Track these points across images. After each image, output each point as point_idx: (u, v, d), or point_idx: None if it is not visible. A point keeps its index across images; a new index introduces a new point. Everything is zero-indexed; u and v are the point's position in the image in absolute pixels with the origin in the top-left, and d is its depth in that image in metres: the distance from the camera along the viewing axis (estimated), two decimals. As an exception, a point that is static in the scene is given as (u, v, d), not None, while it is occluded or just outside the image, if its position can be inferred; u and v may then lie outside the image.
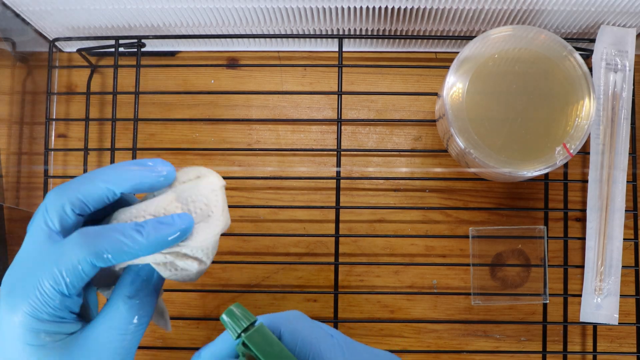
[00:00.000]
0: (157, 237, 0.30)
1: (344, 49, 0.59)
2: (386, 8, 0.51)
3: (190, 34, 0.57)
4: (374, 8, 0.51)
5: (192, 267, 0.32)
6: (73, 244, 0.29)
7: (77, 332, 0.31)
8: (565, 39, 0.51)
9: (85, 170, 0.57)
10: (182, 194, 0.32)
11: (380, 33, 0.56)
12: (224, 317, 0.32)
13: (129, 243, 0.29)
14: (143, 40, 0.57)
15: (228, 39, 0.58)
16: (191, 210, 0.32)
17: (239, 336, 0.31)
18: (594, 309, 0.52)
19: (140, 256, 0.30)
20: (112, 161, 0.56)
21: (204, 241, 0.31)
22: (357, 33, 0.56)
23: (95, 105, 0.60)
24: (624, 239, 0.52)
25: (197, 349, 0.57)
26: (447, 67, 0.46)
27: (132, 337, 0.31)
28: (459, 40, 0.57)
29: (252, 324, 0.32)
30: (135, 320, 0.31)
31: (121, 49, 0.56)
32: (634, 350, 0.56)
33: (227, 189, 0.58)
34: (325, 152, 0.59)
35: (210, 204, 0.32)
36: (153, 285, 0.32)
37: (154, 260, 0.31)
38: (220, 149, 0.59)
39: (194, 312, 0.58)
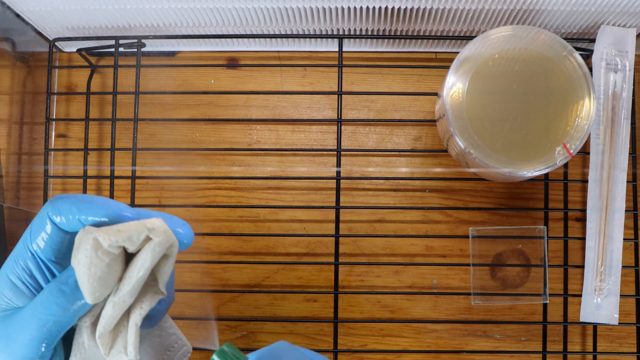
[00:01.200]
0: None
1: (344, 49, 0.59)
2: (386, 8, 0.51)
3: (190, 34, 0.57)
4: (374, 8, 0.51)
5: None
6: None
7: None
8: (565, 39, 0.51)
9: (85, 172, 0.57)
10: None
11: (380, 33, 0.56)
12: (215, 357, 0.31)
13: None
14: (143, 40, 0.57)
15: (228, 39, 0.58)
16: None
17: None
18: (594, 309, 0.52)
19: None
20: (112, 161, 0.56)
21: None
22: (357, 33, 0.56)
23: (95, 105, 0.60)
24: (624, 239, 0.52)
25: (197, 349, 0.58)
26: (447, 67, 0.46)
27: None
28: (459, 40, 0.57)
29: None
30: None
31: (121, 49, 0.56)
32: (634, 350, 0.56)
33: (227, 189, 0.59)
34: (325, 152, 0.59)
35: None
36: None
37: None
38: (220, 149, 0.59)
39: (194, 312, 0.58)
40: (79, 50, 0.58)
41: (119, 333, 0.30)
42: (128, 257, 0.29)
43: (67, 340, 0.31)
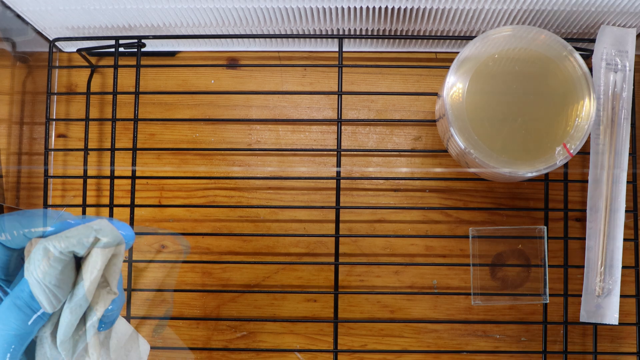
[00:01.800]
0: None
1: (344, 49, 0.59)
2: (386, 8, 0.51)
3: (190, 34, 0.57)
4: (374, 8, 0.51)
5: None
6: None
7: None
8: (565, 39, 0.51)
9: (85, 172, 0.57)
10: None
11: (380, 33, 0.56)
12: None
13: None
14: (143, 40, 0.57)
15: (228, 39, 0.58)
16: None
17: None
18: (594, 309, 0.52)
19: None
20: (112, 161, 0.56)
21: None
22: (357, 33, 0.56)
23: (95, 105, 0.60)
24: (624, 239, 0.52)
25: (197, 349, 0.58)
26: (447, 67, 0.46)
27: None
28: (459, 40, 0.57)
29: None
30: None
31: (121, 49, 0.56)
32: (634, 350, 0.56)
33: (227, 189, 0.59)
34: (325, 152, 0.59)
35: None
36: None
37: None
38: (220, 149, 0.59)
39: (194, 312, 0.58)
40: (79, 50, 0.58)
41: (79, 338, 0.30)
42: (78, 263, 0.30)
43: (29, 353, 0.32)
